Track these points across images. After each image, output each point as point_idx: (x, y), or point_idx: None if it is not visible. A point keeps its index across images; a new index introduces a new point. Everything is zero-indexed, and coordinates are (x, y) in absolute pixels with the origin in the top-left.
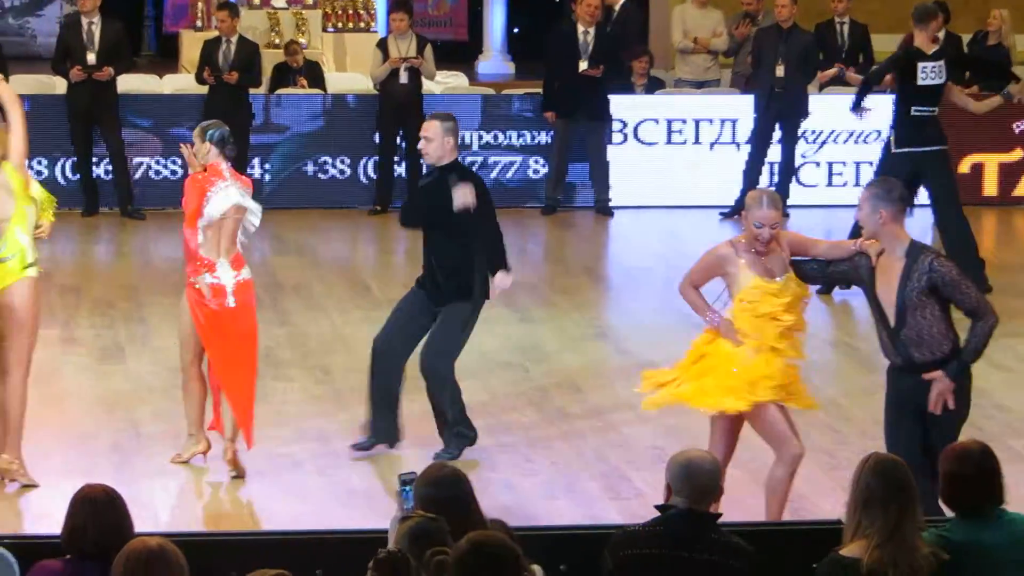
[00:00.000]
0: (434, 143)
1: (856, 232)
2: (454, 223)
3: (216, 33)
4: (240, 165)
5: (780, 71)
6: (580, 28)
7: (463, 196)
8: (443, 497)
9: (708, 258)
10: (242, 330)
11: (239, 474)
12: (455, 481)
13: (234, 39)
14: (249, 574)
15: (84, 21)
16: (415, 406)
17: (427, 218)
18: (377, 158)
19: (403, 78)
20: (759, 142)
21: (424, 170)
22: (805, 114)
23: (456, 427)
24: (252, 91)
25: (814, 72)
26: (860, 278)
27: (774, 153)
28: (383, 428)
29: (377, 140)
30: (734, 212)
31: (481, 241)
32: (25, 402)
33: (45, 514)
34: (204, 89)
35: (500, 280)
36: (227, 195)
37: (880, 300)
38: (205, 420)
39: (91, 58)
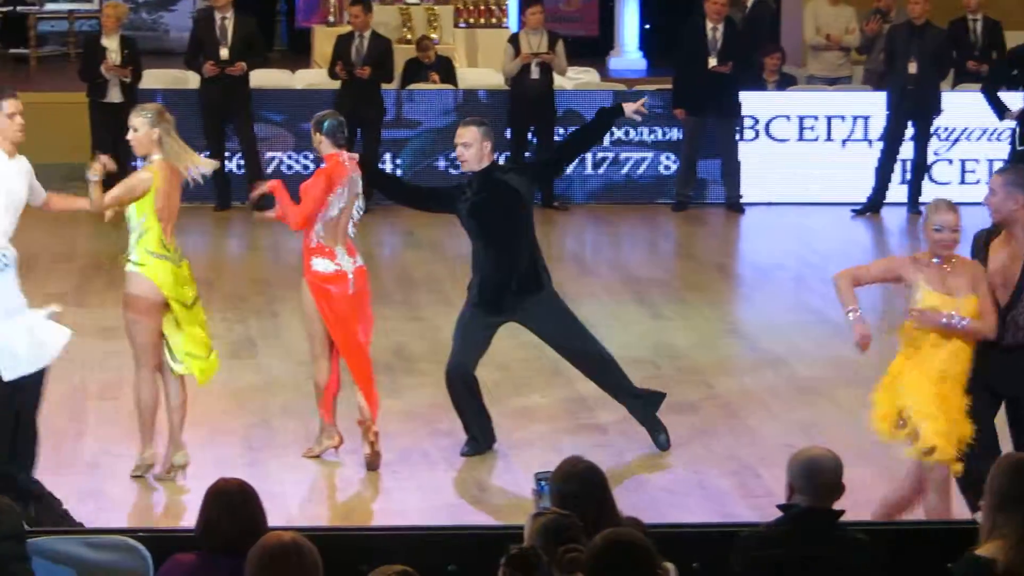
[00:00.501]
0: (473, 148)
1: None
2: (514, 221)
3: (349, 28)
4: (372, 161)
5: (913, 68)
6: (709, 25)
7: None
8: (579, 492)
9: (885, 261)
10: (361, 316)
11: (374, 466)
12: (591, 475)
13: (367, 34)
14: (372, 571)
15: (217, 16)
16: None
17: (481, 226)
18: (508, 153)
19: (534, 74)
20: (891, 139)
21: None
22: (938, 111)
23: (639, 397)
24: (384, 87)
25: (947, 69)
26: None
27: (906, 150)
28: (480, 438)
29: (508, 135)
30: (866, 209)
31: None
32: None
33: (179, 508)
34: (336, 84)
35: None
36: (353, 186)
37: (990, 281)
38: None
39: (224, 53)
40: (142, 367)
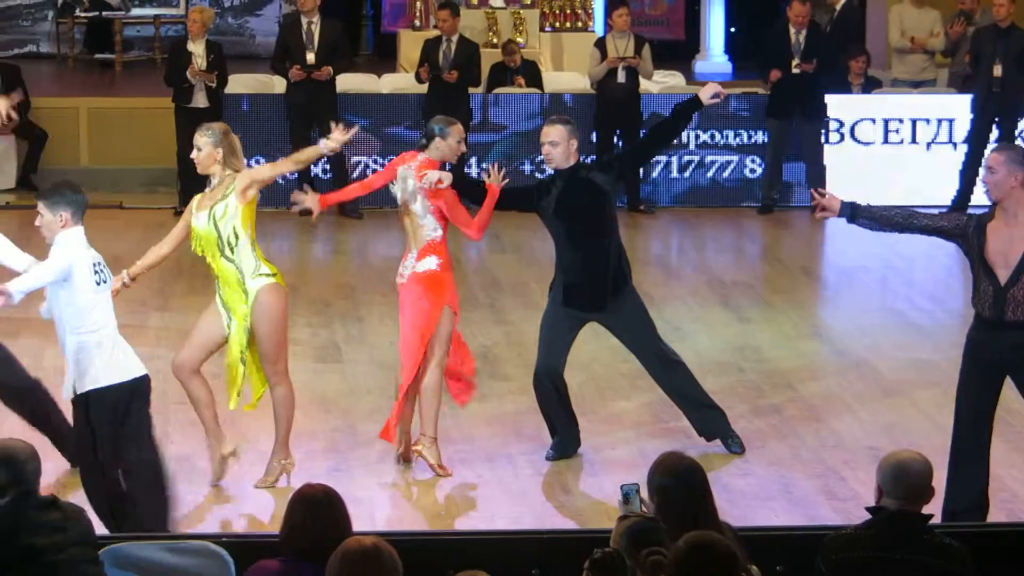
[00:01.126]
0: (560, 147)
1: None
2: (599, 220)
3: (436, 33)
4: (459, 165)
5: (998, 71)
6: (792, 31)
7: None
8: (678, 487)
9: None
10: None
11: (407, 461)
12: (691, 474)
13: (454, 38)
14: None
15: (304, 20)
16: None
17: (566, 225)
18: (593, 157)
19: (620, 77)
20: (976, 142)
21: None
22: (1023, 114)
23: (704, 407)
24: (471, 90)
25: None
26: (963, 235)
27: None
28: (566, 442)
29: (594, 139)
30: (951, 212)
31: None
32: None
33: (264, 514)
34: (423, 88)
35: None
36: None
37: (990, 261)
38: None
39: (310, 58)
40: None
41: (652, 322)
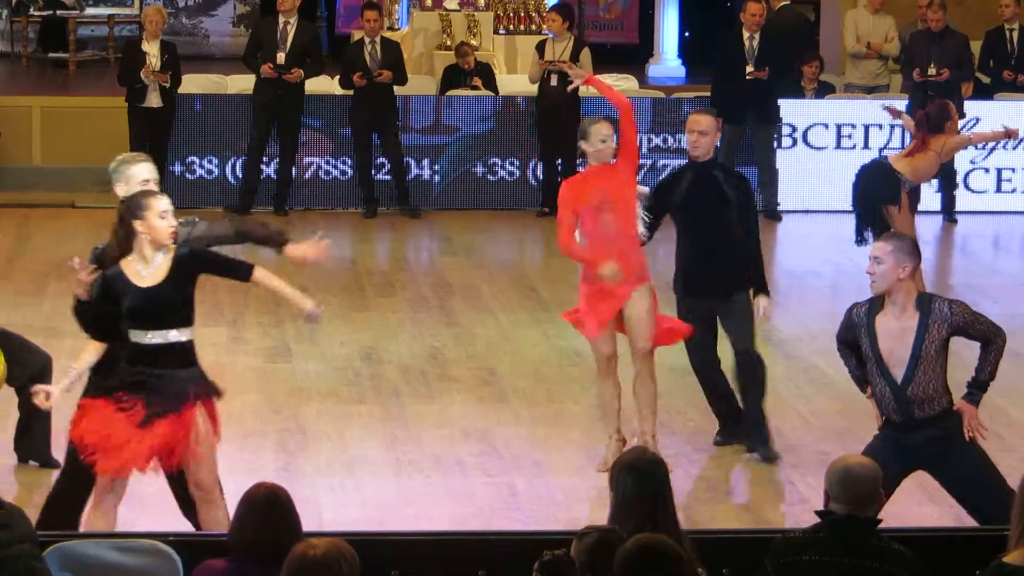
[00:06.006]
0: (709, 137)
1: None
2: (720, 220)
3: (361, 35)
4: (397, 169)
5: (932, 73)
6: (746, 35)
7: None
8: (640, 482)
9: None
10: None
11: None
12: (654, 467)
13: (378, 39)
14: None
15: (280, 20)
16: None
17: (690, 217)
18: (537, 160)
19: (552, 81)
20: None
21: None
22: (961, 117)
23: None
24: (424, 93)
25: (970, 74)
26: (856, 335)
27: None
28: (731, 430)
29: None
30: None
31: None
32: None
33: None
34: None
35: (764, 307)
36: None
37: (884, 358)
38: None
39: (280, 57)
40: None
41: (754, 327)
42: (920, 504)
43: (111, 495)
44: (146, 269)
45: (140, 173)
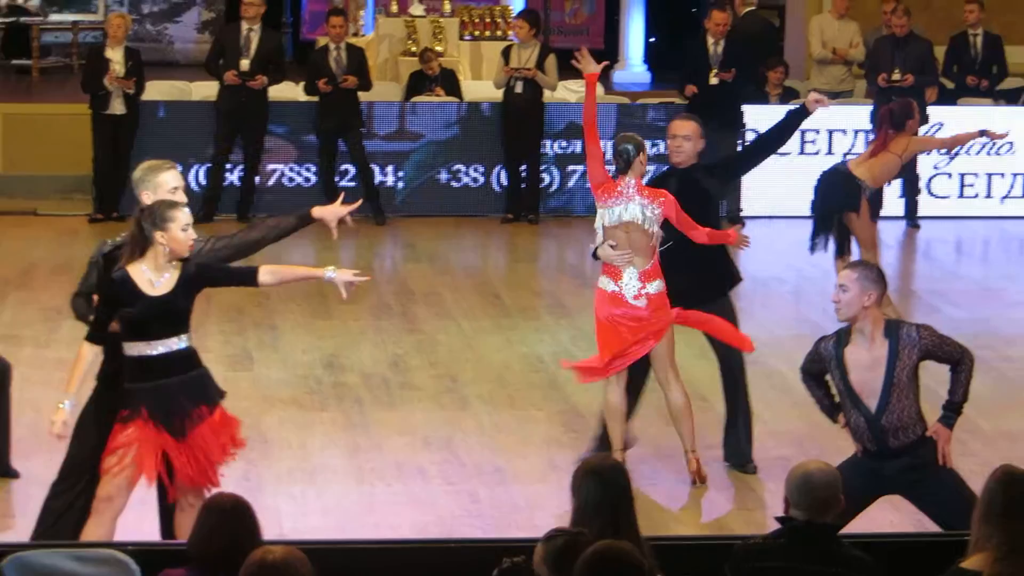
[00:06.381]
0: (692, 142)
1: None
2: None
3: (325, 41)
4: (365, 174)
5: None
6: (710, 41)
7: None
8: (602, 488)
9: None
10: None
11: (702, 481)
12: (615, 474)
13: (343, 45)
14: None
15: (244, 27)
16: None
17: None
18: (501, 165)
19: (517, 87)
20: None
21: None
22: (924, 121)
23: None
24: (389, 99)
25: (934, 79)
26: (824, 368)
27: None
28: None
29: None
30: None
31: None
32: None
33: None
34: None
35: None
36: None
37: (856, 389)
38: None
39: (244, 64)
40: None
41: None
42: (881, 510)
43: (109, 505)
44: (158, 279)
45: (169, 181)
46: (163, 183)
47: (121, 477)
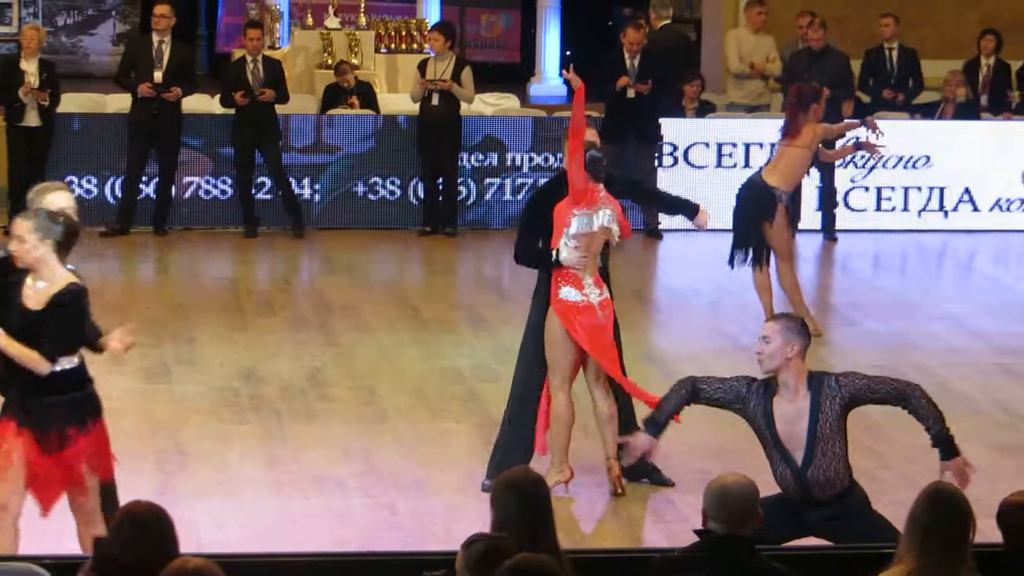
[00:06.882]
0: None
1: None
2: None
3: (241, 54)
4: (283, 187)
5: None
6: (627, 55)
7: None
8: (521, 501)
9: None
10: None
11: (622, 492)
12: (535, 486)
13: (260, 58)
14: None
15: (155, 39)
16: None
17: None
18: (417, 178)
19: (434, 100)
20: None
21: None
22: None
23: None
24: (305, 112)
25: (850, 93)
26: (745, 413)
27: (816, 177)
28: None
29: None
30: None
31: None
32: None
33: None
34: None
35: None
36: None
37: (783, 442)
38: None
39: (157, 76)
40: None
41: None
42: None
43: (6, 513)
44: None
45: (56, 201)
46: (49, 204)
47: (8, 481)
